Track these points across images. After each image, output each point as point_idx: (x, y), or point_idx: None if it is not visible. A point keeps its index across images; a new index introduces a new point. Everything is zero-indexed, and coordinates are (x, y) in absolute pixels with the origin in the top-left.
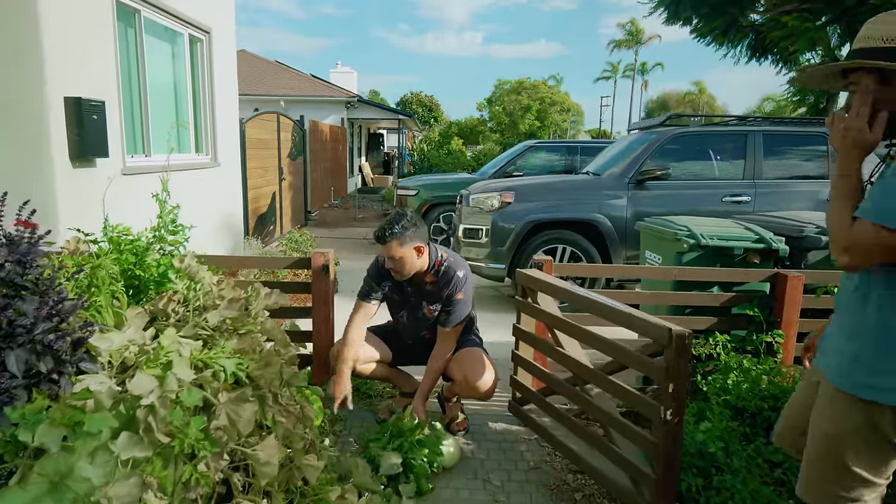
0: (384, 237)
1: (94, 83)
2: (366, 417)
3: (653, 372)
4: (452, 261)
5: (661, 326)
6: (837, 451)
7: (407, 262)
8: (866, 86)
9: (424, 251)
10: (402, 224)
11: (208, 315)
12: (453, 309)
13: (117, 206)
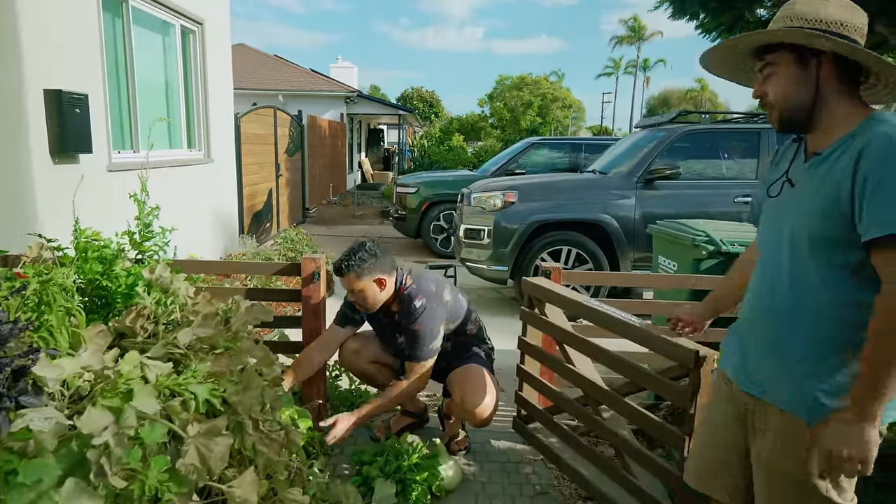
0: (340, 270)
1: (77, 75)
2: (360, 434)
3: (677, 398)
4: (414, 288)
5: (687, 349)
6: (816, 492)
7: (368, 296)
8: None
9: (387, 283)
10: (359, 256)
11: (179, 334)
12: (410, 341)
13: (101, 204)
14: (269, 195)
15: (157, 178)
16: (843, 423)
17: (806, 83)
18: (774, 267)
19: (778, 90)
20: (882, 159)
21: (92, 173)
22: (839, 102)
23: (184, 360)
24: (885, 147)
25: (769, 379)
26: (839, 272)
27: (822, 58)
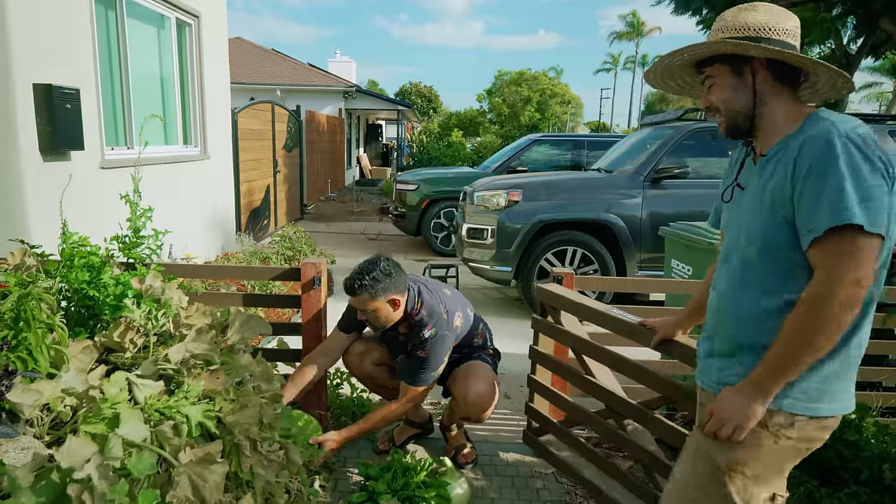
0: (353, 290)
1: (69, 69)
2: (363, 445)
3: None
4: (426, 315)
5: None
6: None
7: (381, 317)
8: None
9: (401, 303)
10: (373, 276)
11: (170, 351)
12: (412, 364)
13: (94, 203)
14: (266, 192)
15: (152, 175)
16: (736, 389)
17: (743, 90)
18: (728, 269)
19: (720, 99)
20: (817, 159)
21: (84, 171)
22: (778, 105)
23: (177, 376)
24: (821, 147)
25: (717, 373)
26: (783, 275)
27: (756, 64)
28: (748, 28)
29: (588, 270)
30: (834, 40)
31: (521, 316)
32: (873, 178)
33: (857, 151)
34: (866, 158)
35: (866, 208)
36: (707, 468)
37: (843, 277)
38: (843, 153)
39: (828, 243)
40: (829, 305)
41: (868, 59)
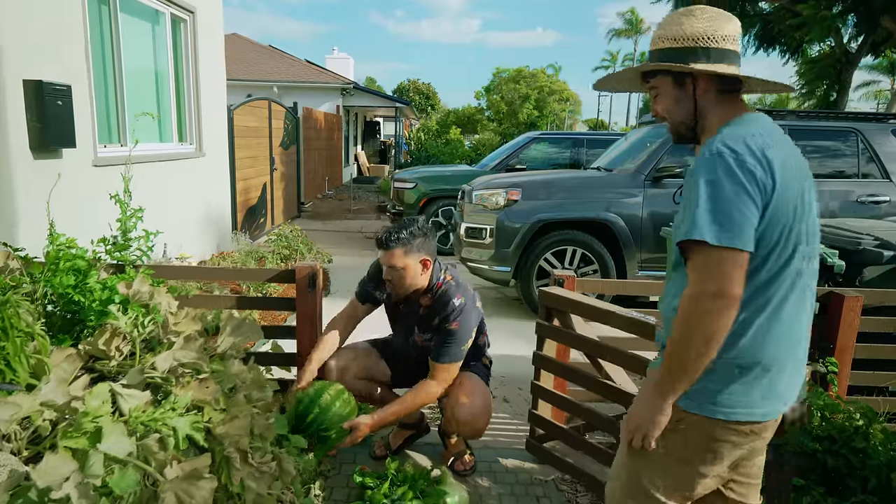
0: (387, 242)
1: (60, 65)
2: (358, 451)
3: None
4: (453, 285)
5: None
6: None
7: (408, 276)
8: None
9: (430, 267)
10: (410, 230)
11: (157, 359)
12: (443, 340)
13: (87, 201)
14: (263, 190)
15: (146, 173)
16: (639, 401)
17: (685, 101)
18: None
19: (664, 109)
20: (692, 172)
21: (76, 169)
22: (715, 113)
23: (165, 384)
24: (698, 161)
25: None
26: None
27: (697, 76)
28: (687, 38)
29: (588, 271)
30: (834, 38)
31: (520, 316)
32: (735, 194)
33: (721, 167)
34: (730, 174)
35: (720, 224)
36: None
37: (701, 289)
38: (707, 168)
39: (691, 255)
40: (691, 314)
41: (868, 57)
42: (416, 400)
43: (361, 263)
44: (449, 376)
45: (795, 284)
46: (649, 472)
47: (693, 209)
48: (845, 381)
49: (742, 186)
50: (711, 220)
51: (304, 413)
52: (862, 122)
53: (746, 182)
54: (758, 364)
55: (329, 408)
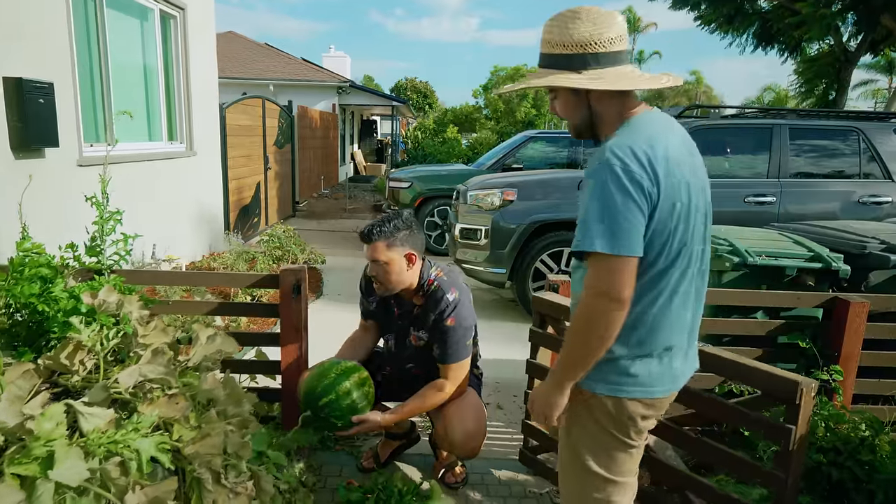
0: (370, 235)
1: (42, 62)
2: (345, 463)
3: (778, 436)
4: (445, 280)
5: (786, 380)
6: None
7: (393, 271)
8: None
9: (416, 262)
10: (393, 223)
11: (121, 375)
12: (443, 339)
13: (70, 203)
14: (256, 189)
15: (135, 172)
16: (542, 384)
17: (580, 106)
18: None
19: (563, 111)
20: (585, 178)
21: (60, 169)
22: (610, 115)
23: (134, 399)
24: (589, 169)
25: None
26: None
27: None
28: (576, 45)
29: None
30: (833, 37)
31: (516, 319)
32: (623, 203)
33: (609, 177)
34: (618, 184)
35: (611, 234)
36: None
37: (595, 292)
38: (593, 180)
39: (587, 260)
40: (587, 314)
41: (866, 55)
42: (429, 400)
43: (356, 264)
44: (459, 375)
45: (685, 275)
46: (588, 451)
47: (586, 219)
48: (850, 390)
49: (630, 196)
50: (603, 231)
51: (319, 395)
52: (863, 122)
53: (634, 191)
54: (656, 350)
55: (344, 397)
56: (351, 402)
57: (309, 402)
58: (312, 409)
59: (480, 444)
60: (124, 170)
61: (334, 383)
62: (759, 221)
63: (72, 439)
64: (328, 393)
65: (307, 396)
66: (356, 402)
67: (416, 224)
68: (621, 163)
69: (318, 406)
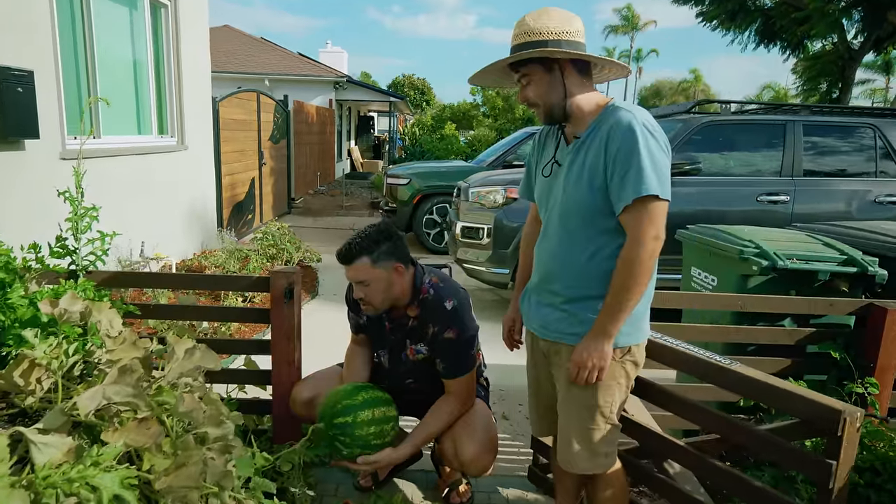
0: (348, 254)
1: (21, 49)
2: (341, 481)
3: (813, 471)
4: (441, 287)
5: (828, 407)
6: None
7: (381, 289)
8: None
9: (404, 274)
10: (372, 237)
11: (80, 399)
12: (445, 354)
13: (54, 198)
14: (251, 185)
15: (123, 167)
16: (588, 340)
17: (555, 85)
18: (550, 234)
19: (537, 94)
20: (624, 142)
21: (42, 162)
22: (582, 94)
23: (100, 423)
24: (626, 133)
25: (556, 324)
26: (600, 233)
27: (563, 62)
28: (550, 33)
29: None
30: (837, 34)
31: None
32: (662, 157)
33: (650, 137)
34: (657, 142)
35: (660, 181)
36: (585, 412)
37: (647, 235)
38: (641, 138)
39: (633, 210)
40: (640, 260)
41: (869, 54)
42: (438, 424)
43: None
44: (467, 389)
45: None
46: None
47: (638, 171)
48: (886, 404)
49: (665, 154)
50: (657, 179)
51: (336, 411)
52: (879, 118)
53: (666, 149)
54: (653, 287)
55: (360, 426)
56: (366, 434)
57: (324, 415)
58: (326, 423)
59: (492, 462)
60: (112, 164)
61: (357, 407)
62: (772, 221)
63: (21, 474)
64: (345, 414)
65: (326, 408)
66: (370, 437)
67: (396, 231)
68: (652, 126)
69: (331, 422)
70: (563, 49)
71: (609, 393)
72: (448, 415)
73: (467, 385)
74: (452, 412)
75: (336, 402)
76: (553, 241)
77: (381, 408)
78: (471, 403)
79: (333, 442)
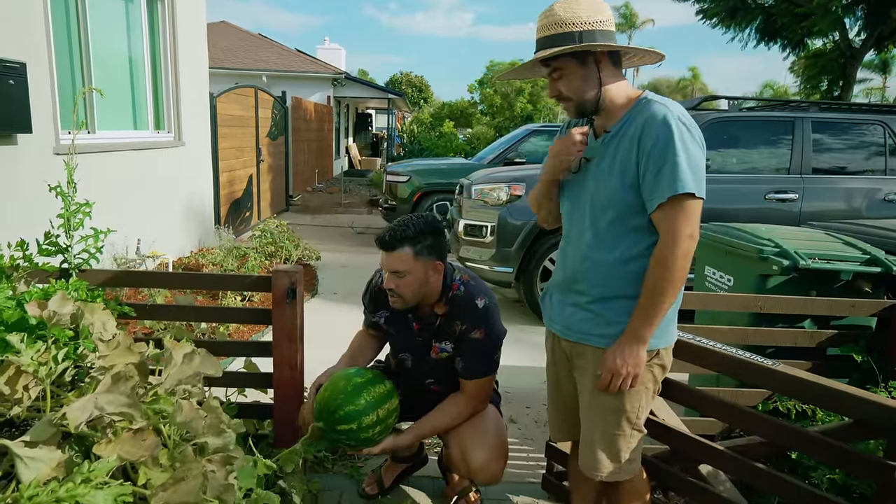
0: (392, 241)
1: (13, 41)
2: (345, 487)
3: (874, 474)
4: (473, 285)
5: (889, 407)
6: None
7: (414, 283)
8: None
9: (441, 272)
10: (418, 227)
11: (70, 409)
12: (470, 352)
13: (46, 195)
14: (248, 182)
15: (119, 162)
16: (621, 345)
17: (590, 78)
18: (577, 231)
19: (570, 88)
20: (659, 137)
21: (35, 157)
22: (616, 86)
23: (92, 434)
24: (661, 127)
25: (580, 324)
26: (630, 231)
27: (598, 54)
28: (582, 23)
29: None
30: (839, 32)
31: (523, 321)
32: (698, 153)
33: (686, 131)
34: (692, 136)
35: (695, 178)
36: (612, 417)
37: (682, 233)
38: (676, 132)
39: (668, 207)
40: (675, 259)
41: (870, 52)
42: (449, 417)
43: (351, 260)
44: (483, 393)
45: None
46: (642, 412)
47: (674, 168)
48: None
49: (699, 147)
50: (693, 176)
51: (339, 418)
52: (888, 115)
53: (701, 143)
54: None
55: (366, 430)
56: (371, 434)
57: (325, 417)
58: (327, 426)
59: (503, 469)
60: (107, 159)
61: (360, 413)
62: (781, 219)
63: (6, 492)
64: (349, 421)
65: (326, 411)
66: (375, 435)
67: (442, 226)
68: (688, 119)
69: (334, 428)
70: (598, 42)
71: (637, 398)
72: (456, 412)
73: (484, 388)
74: (462, 411)
75: (338, 407)
76: (581, 238)
77: (384, 405)
78: (482, 407)
79: (337, 443)
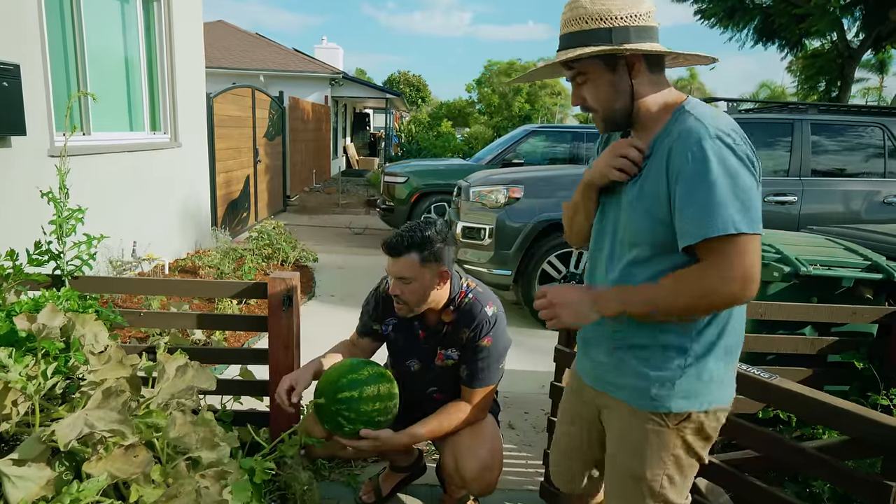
0: (398, 247)
1: (7, 42)
2: (342, 496)
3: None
4: (481, 293)
5: (887, 425)
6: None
7: (419, 290)
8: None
9: (448, 281)
10: (426, 234)
11: (58, 426)
12: (475, 360)
13: (40, 199)
14: (245, 182)
15: (114, 164)
16: (584, 290)
17: (621, 86)
18: (603, 267)
19: (595, 97)
20: (691, 163)
21: (30, 159)
22: (653, 96)
23: (83, 450)
24: (692, 150)
25: (605, 374)
26: (663, 272)
27: (631, 57)
28: (614, 18)
29: None
30: (837, 32)
31: (521, 324)
32: (745, 179)
33: (729, 153)
34: (738, 159)
35: (744, 211)
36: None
37: (732, 277)
38: (714, 157)
39: (713, 245)
40: (714, 299)
41: (868, 52)
42: (450, 421)
43: (349, 262)
44: (483, 402)
45: None
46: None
47: (714, 203)
48: None
49: (749, 171)
50: (740, 208)
51: (341, 386)
52: (887, 117)
53: (751, 167)
54: (739, 344)
55: (367, 402)
56: (371, 409)
57: (326, 390)
58: (328, 399)
59: (496, 479)
60: (102, 161)
61: (363, 382)
62: (780, 222)
63: None
64: (352, 389)
65: (328, 384)
66: (375, 412)
67: (451, 233)
68: (730, 137)
69: (335, 398)
70: (632, 41)
71: (659, 465)
72: (455, 418)
73: (485, 397)
74: (460, 418)
75: (340, 377)
76: (607, 275)
77: (386, 384)
78: (481, 416)
79: (336, 417)
